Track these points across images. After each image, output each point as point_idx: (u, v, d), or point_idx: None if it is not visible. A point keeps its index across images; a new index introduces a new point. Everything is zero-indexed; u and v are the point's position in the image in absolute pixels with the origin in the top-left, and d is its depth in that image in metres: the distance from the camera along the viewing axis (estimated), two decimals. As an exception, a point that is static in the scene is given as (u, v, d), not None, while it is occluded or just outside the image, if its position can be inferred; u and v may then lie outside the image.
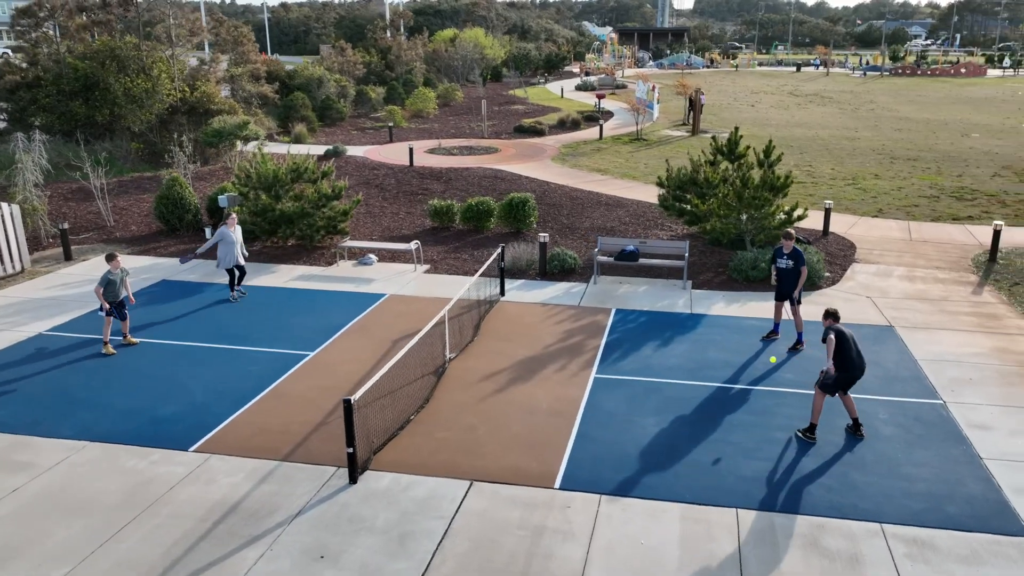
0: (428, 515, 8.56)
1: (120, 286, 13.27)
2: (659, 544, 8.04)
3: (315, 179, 18.93)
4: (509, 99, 57.19)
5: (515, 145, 35.51)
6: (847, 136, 37.62)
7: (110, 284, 13.06)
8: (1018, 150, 33.10)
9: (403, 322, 14.33)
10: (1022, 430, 10.23)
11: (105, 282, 13.04)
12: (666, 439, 10.12)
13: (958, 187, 25.71)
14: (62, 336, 13.76)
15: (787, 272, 12.99)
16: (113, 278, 13.11)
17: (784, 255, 12.98)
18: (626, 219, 21.79)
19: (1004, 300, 15.32)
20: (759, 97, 57.46)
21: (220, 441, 10.16)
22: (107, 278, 13.08)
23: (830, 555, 7.86)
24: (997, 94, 58.55)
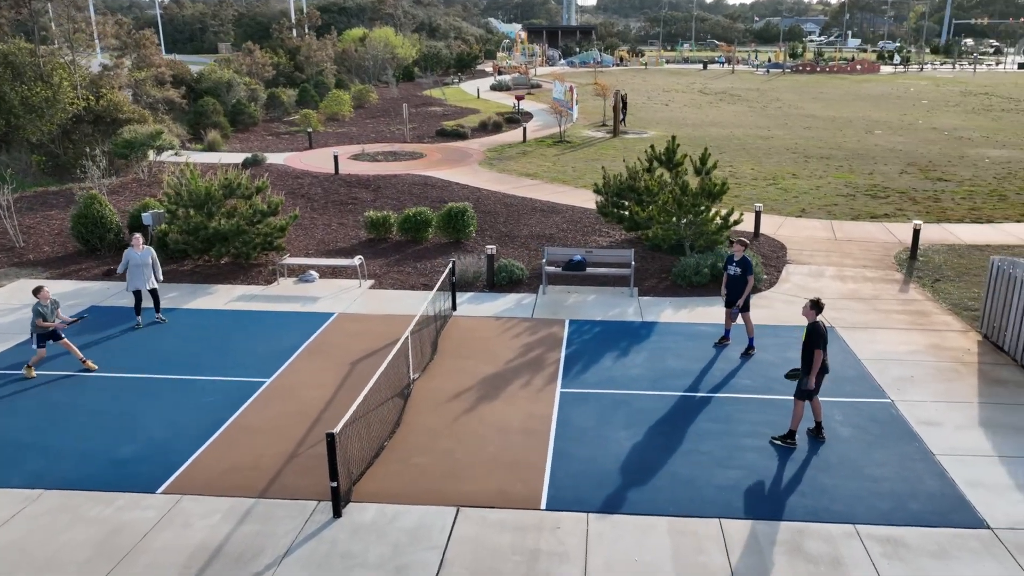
0: (420, 546, 8.58)
1: (52, 317, 12.78)
2: (652, 560, 8.32)
3: (249, 194, 18.46)
4: (425, 100, 56.94)
5: (439, 149, 35.46)
6: (761, 135, 39.23)
7: (44, 317, 12.65)
8: (919, 147, 35.30)
9: (358, 342, 14.19)
10: (967, 425, 11.04)
11: (37, 315, 12.57)
12: (641, 452, 10.43)
13: (871, 185, 27.25)
14: (-9, 373, 13.02)
15: (734, 279, 13.54)
16: (43, 310, 12.63)
17: (734, 262, 13.53)
18: (563, 226, 22.14)
19: (929, 297, 16.41)
20: (671, 96, 59.14)
21: (189, 480, 9.86)
22: (38, 311, 12.58)
23: (813, 559, 8.32)
24: (892, 91, 62.13)
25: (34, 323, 12.71)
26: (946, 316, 15.33)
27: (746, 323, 13.65)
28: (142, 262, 14.91)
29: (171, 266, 18.76)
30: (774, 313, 15.45)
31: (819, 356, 10.19)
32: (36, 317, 12.66)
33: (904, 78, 74.40)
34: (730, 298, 13.68)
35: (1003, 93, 59.13)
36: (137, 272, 14.89)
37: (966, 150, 34.23)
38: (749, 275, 13.40)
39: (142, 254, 14.92)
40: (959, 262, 18.63)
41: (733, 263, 13.50)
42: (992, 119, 44.76)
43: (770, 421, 11.20)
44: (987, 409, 11.48)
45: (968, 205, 24.12)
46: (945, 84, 67.08)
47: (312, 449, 10.57)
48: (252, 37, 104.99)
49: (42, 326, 12.72)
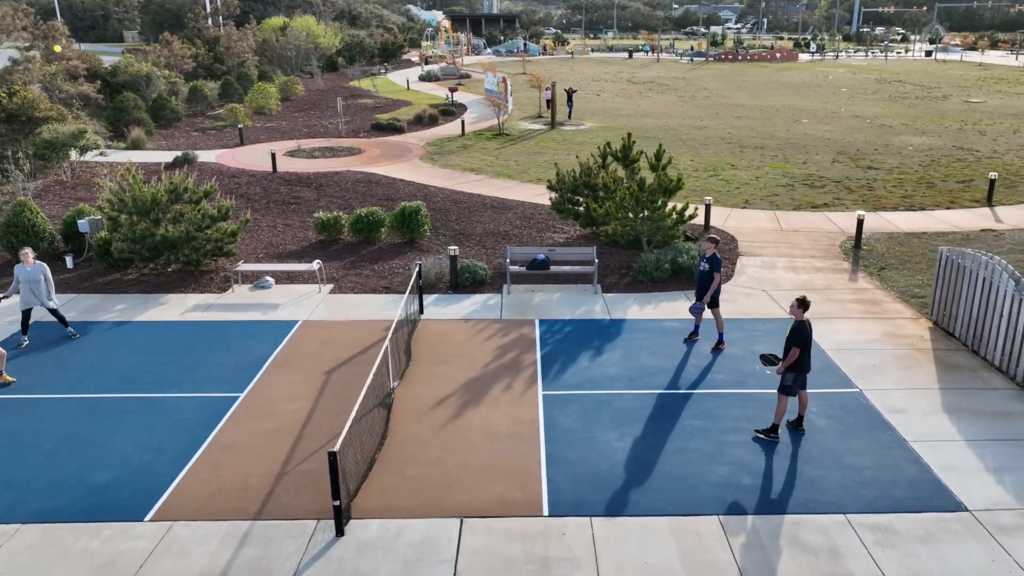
0: (430, 560, 8.61)
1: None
2: (661, 561, 8.57)
3: (196, 199, 17.90)
4: (354, 92, 56.08)
5: (377, 144, 35.05)
6: (695, 125, 40.16)
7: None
8: (845, 135, 36.78)
9: (328, 351, 14.01)
10: (932, 411, 11.69)
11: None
12: (632, 453, 10.68)
13: (806, 175, 28.29)
14: (-62, 400, 12.33)
15: (703, 275, 13.94)
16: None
17: (705, 258, 13.92)
18: (516, 222, 22.26)
19: (878, 285, 17.22)
20: (601, 85, 59.84)
21: (177, 506, 9.60)
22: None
23: (813, 551, 8.72)
24: (812, 79, 64.40)
25: None
26: (896, 304, 16.13)
27: (716, 318, 14.07)
28: (33, 278, 14.06)
29: (114, 275, 18.08)
30: (737, 307, 15.95)
31: (795, 353, 10.62)
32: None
33: (822, 66, 77.19)
34: (698, 293, 14.06)
35: (915, 81, 62.05)
36: (27, 289, 14.05)
37: (889, 138, 35.86)
38: (716, 272, 13.79)
39: (32, 270, 14.06)
40: (900, 250, 19.59)
41: (704, 259, 13.89)
42: (908, 106, 46.96)
43: (750, 416, 11.61)
44: (948, 395, 12.18)
45: (900, 193, 25.33)
46: (861, 72, 69.93)
47: (300, 467, 10.42)
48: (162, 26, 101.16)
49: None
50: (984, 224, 21.70)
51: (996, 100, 49.34)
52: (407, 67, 78.03)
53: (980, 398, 12.07)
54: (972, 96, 51.45)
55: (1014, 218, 22.23)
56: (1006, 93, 53.24)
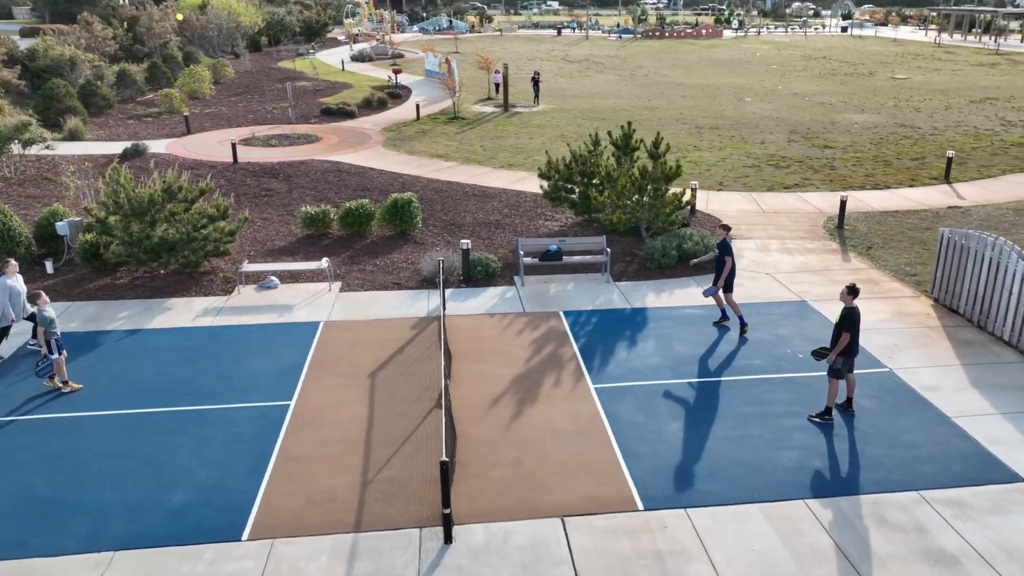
0: (548, 562, 8.81)
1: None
2: (767, 548, 9.01)
3: (192, 198, 17.31)
4: (287, 73, 54.56)
5: (333, 131, 34.38)
6: (645, 106, 40.86)
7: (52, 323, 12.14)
8: (791, 113, 38.13)
9: (362, 353, 13.90)
10: (961, 387, 12.54)
11: (47, 321, 12.05)
12: (700, 442, 11.09)
13: (768, 155, 29.29)
14: (-35, 425, 11.70)
15: (714, 262, 14.50)
16: (50, 315, 12.13)
17: (717, 244, 14.45)
18: (505, 211, 22.35)
19: (871, 265, 18.15)
20: (538, 65, 59.90)
21: (270, 522, 9.48)
22: (48, 317, 12.05)
23: (901, 528, 9.33)
24: (740, 56, 66.17)
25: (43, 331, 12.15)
26: (893, 283, 17.06)
27: (731, 305, 14.60)
28: (23, 290, 13.59)
29: (103, 280, 17.36)
30: (746, 291, 16.55)
31: (845, 338, 11.21)
32: (43, 325, 12.10)
33: (746, 42, 79.31)
34: (716, 279, 14.57)
35: (839, 57, 64.54)
36: (17, 302, 13.40)
37: (833, 116, 37.38)
38: (726, 255, 14.30)
39: (18, 282, 13.56)
40: (880, 229, 20.64)
41: (717, 245, 14.46)
42: (840, 83, 48.92)
43: (796, 400, 12.19)
44: (970, 371, 13.06)
45: (862, 172, 26.56)
46: (785, 48, 72.25)
47: (381, 475, 10.41)
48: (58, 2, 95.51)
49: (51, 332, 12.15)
50: (949, 201, 23.03)
51: (919, 76, 51.90)
52: (333, 46, 76.27)
53: (999, 372, 12.99)
54: (896, 72, 53.96)
55: (974, 195, 23.67)
56: (926, 69, 56.05)
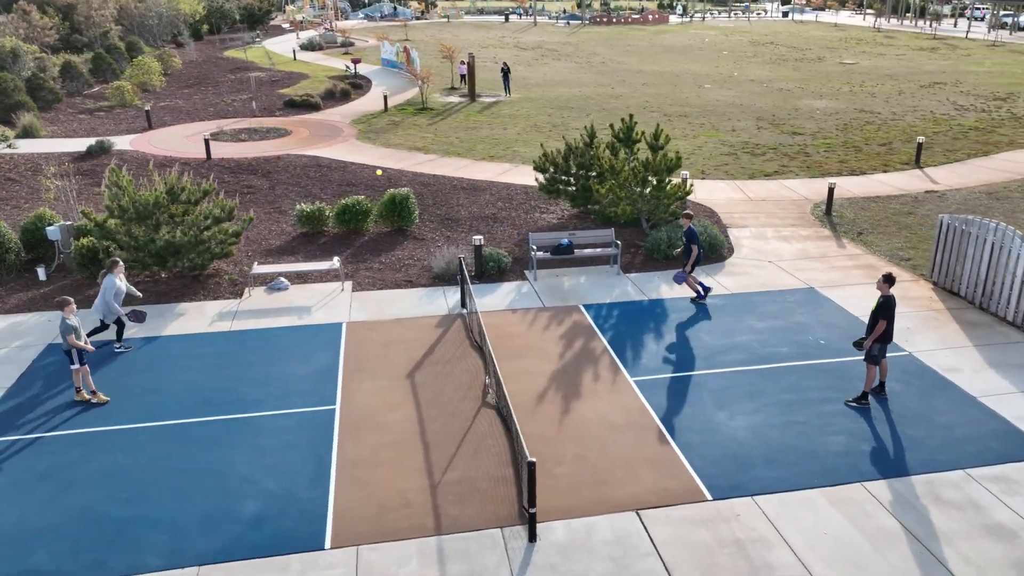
0: (635, 555, 9.06)
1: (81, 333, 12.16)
2: (840, 531, 9.44)
3: (196, 199, 16.95)
4: (237, 64, 53.33)
5: (301, 123, 33.86)
6: (610, 94, 41.29)
7: (77, 332, 11.94)
8: (753, 100, 39.03)
9: (394, 353, 13.91)
10: (979, 367, 13.23)
11: (71, 330, 11.84)
12: (750, 431, 11.48)
13: (742, 143, 30.00)
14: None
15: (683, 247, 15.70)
16: (74, 324, 11.91)
17: (684, 232, 15.61)
18: (498, 204, 22.45)
19: (865, 250, 18.87)
20: (493, 52, 59.86)
21: (349, 529, 9.51)
22: (71, 325, 11.84)
23: (958, 505, 9.88)
24: (690, 42, 67.24)
25: (66, 340, 11.91)
26: (891, 267, 17.79)
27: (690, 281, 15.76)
28: (124, 290, 14.07)
29: (104, 286, 16.86)
30: (755, 279, 17.07)
31: (882, 325, 11.73)
32: (68, 333, 11.84)
33: (693, 28, 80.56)
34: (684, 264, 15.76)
35: (785, 43, 66.15)
36: (120, 300, 13.96)
37: (794, 102, 38.42)
38: (692, 243, 15.44)
39: (122, 282, 14.06)
40: (866, 215, 21.44)
41: (683, 233, 15.76)
42: (793, 69, 50.22)
43: (830, 385, 12.70)
44: (984, 351, 13.79)
45: (836, 158, 27.45)
46: (732, 34, 73.65)
47: (447, 476, 10.51)
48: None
49: (73, 343, 11.86)
50: (923, 186, 24.03)
51: (866, 61, 53.61)
52: (278, 34, 74.79)
53: (1011, 352, 13.75)
54: (844, 58, 55.62)
55: (946, 179, 24.73)
56: (870, 54, 57.90)
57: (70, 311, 11.91)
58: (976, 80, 44.38)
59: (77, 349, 12.02)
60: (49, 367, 13.46)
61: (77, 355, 12.05)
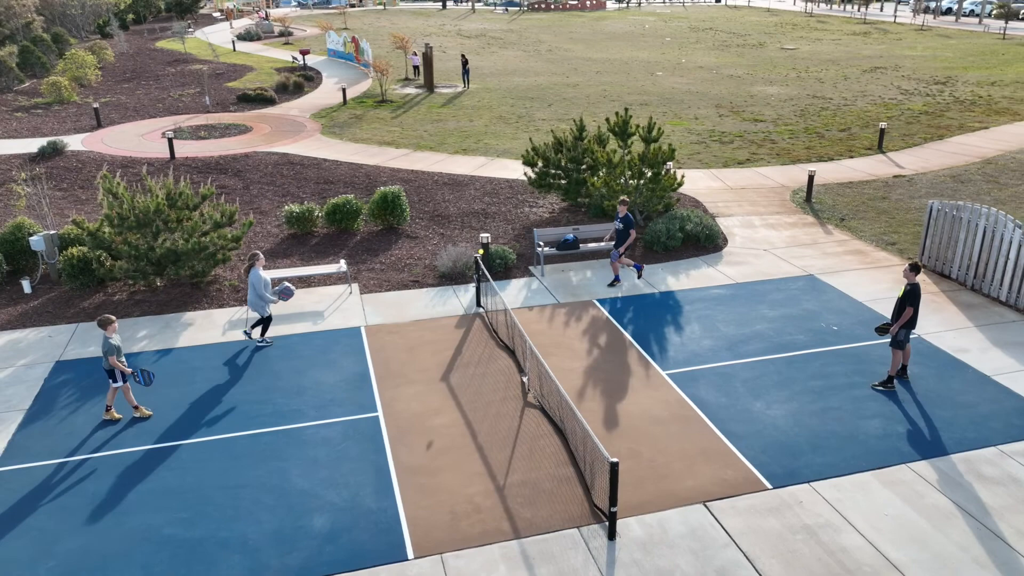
0: (714, 547, 9.39)
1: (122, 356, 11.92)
2: (898, 512, 9.96)
3: (195, 205, 16.53)
4: (174, 56, 51.62)
5: (259, 119, 33.13)
6: (566, 83, 41.57)
7: (119, 351, 11.70)
8: (707, 87, 39.89)
9: (422, 356, 13.91)
10: (985, 347, 14.02)
11: (114, 350, 11.57)
12: (790, 418, 11.95)
13: (708, 131, 30.69)
14: (19, 471, 10.96)
15: (618, 232, 16.27)
16: (117, 343, 11.65)
17: (618, 218, 16.17)
18: (486, 199, 22.51)
19: (851, 236, 19.65)
20: (438, 41, 59.46)
21: (427, 537, 9.56)
22: (114, 346, 11.57)
23: (1000, 481, 10.52)
24: (632, 28, 68.05)
25: (105, 359, 11.61)
26: (879, 252, 18.59)
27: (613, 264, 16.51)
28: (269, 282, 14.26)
29: (95, 298, 16.37)
30: (756, 268, 17.61)
31: (909, 312, 12.33)
32: (111, 354, 11.55)
33: (631, 14, 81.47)
34: (617, 243, 16.37)
35: (724, 28, 67.58)
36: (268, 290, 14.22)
37: (747, 88, 39.41)
38: (631, 228, 16.16)
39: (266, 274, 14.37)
40: (843, 200, 22.29)
41: (618, 218, 16.21)
42: (738, 55, 51.42)
43: (853, 371, 13.28)
44: (986, 331, 14.61)
45: (801, 145, 28.37)
46: (671, 20, 74.81)
47: (511, 479, 10.64)
48: None
49: (115, 364, 11.57)
50: (890, 171, 25.08)
51: (806, 46, 55.26)
52: (209, 23, 72.59)
53: (1010, 331, 14.60)
54: (783, 43, 57.20)
55: (910, 163, 25.86)
56: (807, 39, 59.68)
57: (112, 330, 11.55)
58: (913, 64, 46.29)
59: (119, 369, 11.68)
60: (64, 386, 13.02)
61: (119, 373, 11.70)
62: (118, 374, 11.68)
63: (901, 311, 12.41)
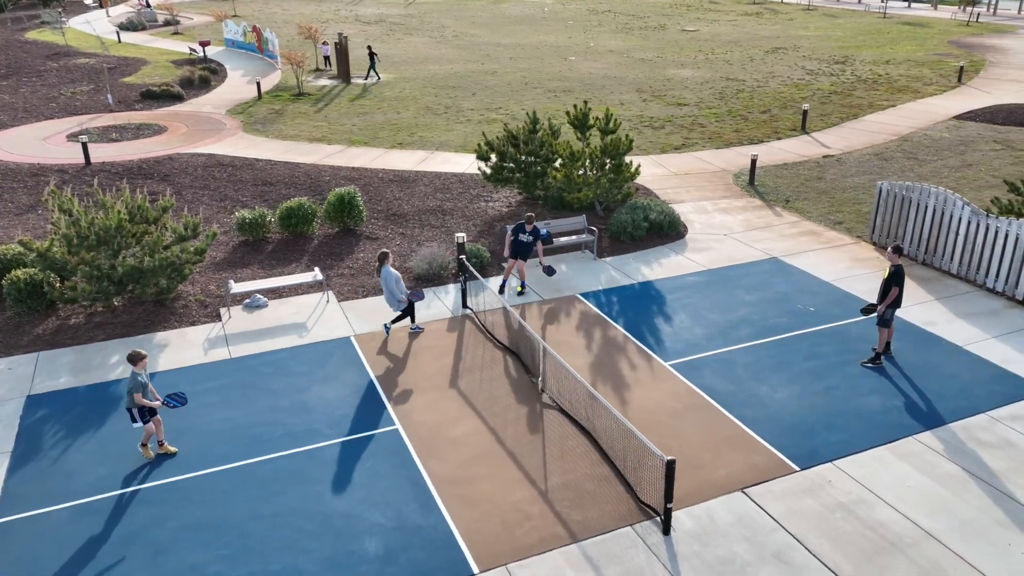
0: (763, 532, 9.87)
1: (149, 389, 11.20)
2: (916, 483, 10.73)
3: (155, 217, 15.76)
4: (52, 48, 48.41)
5: (171, 117, 31.65)
6: (483, 71, 41.55)
7: (145, 388, 10.99)
8: (623, 72, 40.74)
9: (425, 363, 13.85)
10: (950, 319, 15.15)
11: (140, 387, 10.87)
12: (795, 400, 12.61)
13: (637, 116, 31.45)
14: (23, 521, 10.32)
15: (526, 244, 16.02)
16: (144, 380, 10.99)
17: (525, 231, 15.96)
18: (439, 195, 22.40)
19: (801, 217, 20.70)
20: (336, 28, 58.10)
21: (488, 550, 9.62)
22: (142, 382, 10.90)
23: (997, 445, 11.48)
24: (531, 11, 68.44)
25: (130, 397, 10.89)
26: (830, 232, 19.69)
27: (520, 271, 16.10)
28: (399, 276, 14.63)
29: (50, 322, 15.41)
30: (722, 254, 18.32)
31: (895, 292, 13.21)
32: (137, 391, 10.82)
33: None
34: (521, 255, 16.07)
35: (622, 10, 68.94)
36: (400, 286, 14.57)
37: (661, 72, 40.52)
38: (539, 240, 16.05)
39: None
40: (783, 182, 23.41)
41: (525, 232, 15.90)
42: (643, 38, 52.68)
43: (840, 350, 14.10)
44: (947, 303, 15.78)
45: (729, 128, 29.50)
46: (568, 2, 75.65)
47: (551, 482, 10.81)
48: None
49: (140, 402, 10.86)
50: (819, 151, 26.46)
51: (705, 28, 57.16)
52: (81, 11, 68.32)
53: (967, 302, 15.83)
54: (683, 25, 58.95)
55: (835, 143, 27.35)
56: (704, 20, 61.73)
57: (142, 366, 10.84)
58: (810, 45, 48.70)
59: (140, 407, 10.97)
60: (45, 423, 12.25)
61: (139, 413, 11.00)
62: (137, 413, 10.97)
63: (887, 292, 13.27)
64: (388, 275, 14.40)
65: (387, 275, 14.40)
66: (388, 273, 14.40)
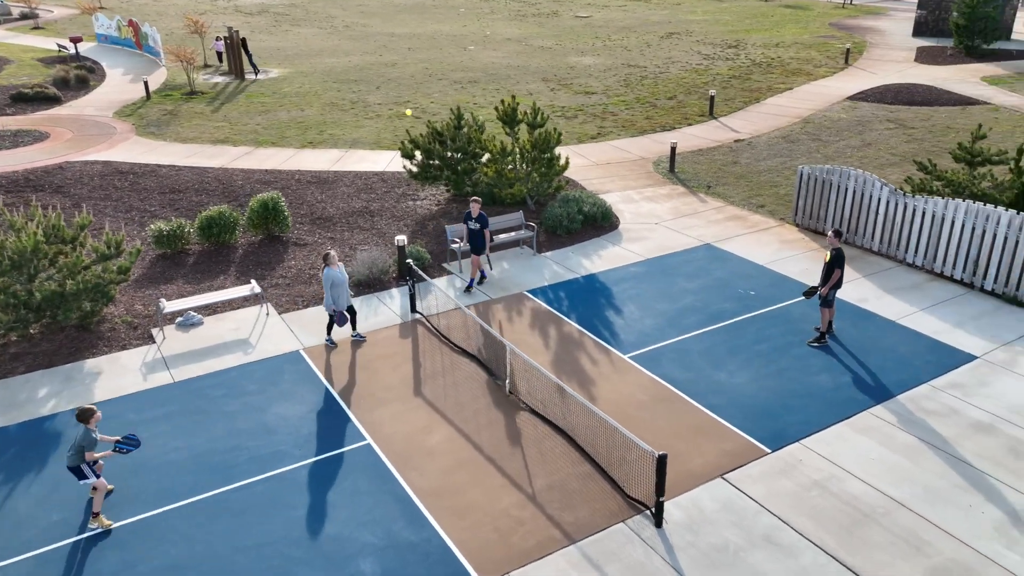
0: (749, 516, 10.33)
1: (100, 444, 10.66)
2: (878, 455, 11.46)
3: (71, 237, 14.88)
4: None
5: (51, 122, 29.82)
6: (383, 63, 41.01)
7: (99, 445, 10.54)
8: (524, 61, 41.08)
9: (384, 373, 13.70)
10: (879, 295, 16.17)
11: (93, 444, 10.20)
12: (753, 384, 13.20)
13: (547, 106, 31.81)
14: (7, 569, 9.69)
15: (475, 233, 16.12)
16: (97, 437, 10.30)
17: (472, 218, 16.15)
18: (362, 196, 22.08)
19: (725, 202, 21.54)
20: (224, 19, 55.98)
21: (487, 560, 9.67)
22: (95, 439, 10.23)
23: (941, 413, 12.37)
24: (420, 0, 67.88)
25: (80, 455, 10.17)
26: (754, 216, 20.59)
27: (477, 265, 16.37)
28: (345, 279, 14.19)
29: (-37, 355, 14.36)
30: (657, 243, 18.87)
31: (837, 274, 14.01)
32: (90, 448, 10.14)
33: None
34: (476, 248, 16.20)
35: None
36: (342, 292, 14.10)
37: (563, 60, 41.08)
38: (486, 228, 16.12)
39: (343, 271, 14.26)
40: (700, 168, 24.26)
41: (471, 219, 16.11)
42: (538, 25, 53.20)
43: (784, 331, 14.84)
44: (873, 280, 16.82)
45: (640, 115, 30.27)
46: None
47: (537, 485, 10.95)
48: None
49: (91, 458, 10.23)
50: (729, 136, 27.54)
51: (597, 14, 58.23)
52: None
53: (890, 277, 16.92)
54: (576, 11, 59.84)
55: (743, 127, 28.52)
56: (596, 5, 62.87)
57: (95, 420, 10.15)
58: (702, 29, 50.42)
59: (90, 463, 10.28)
60: None
61: (91, 467, 10.34)
62: (87, 469, 10.32)
63: (829, 274, 14.04)
64: (327, 276, 13.95)
65: (326, 276, 13.96)
66: (328, 274, 13.96)
